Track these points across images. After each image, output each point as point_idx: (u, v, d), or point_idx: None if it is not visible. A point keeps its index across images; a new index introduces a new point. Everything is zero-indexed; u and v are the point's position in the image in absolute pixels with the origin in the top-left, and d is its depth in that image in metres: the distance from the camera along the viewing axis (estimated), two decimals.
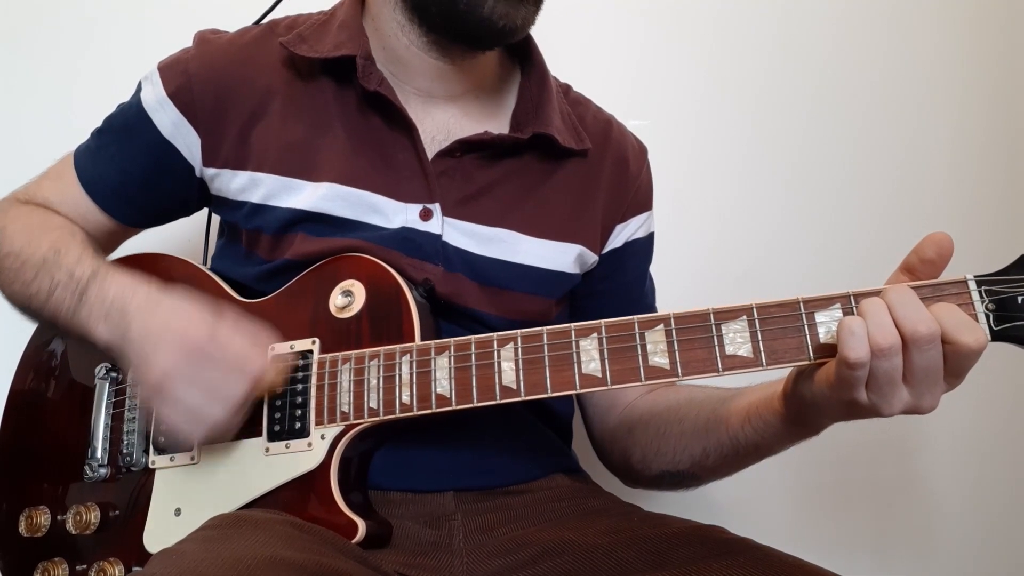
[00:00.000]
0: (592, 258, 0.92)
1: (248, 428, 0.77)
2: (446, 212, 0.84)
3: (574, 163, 0.91)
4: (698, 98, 1.38)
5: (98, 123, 0.91)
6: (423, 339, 0.76)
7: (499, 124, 0.89)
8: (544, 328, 0.72)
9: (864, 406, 0.63)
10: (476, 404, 0.72)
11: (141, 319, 0.75)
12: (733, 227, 1.36)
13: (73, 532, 0.81)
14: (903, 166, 1.39)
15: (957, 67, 1.42)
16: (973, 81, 1.42)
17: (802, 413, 0.71)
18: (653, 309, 0.99)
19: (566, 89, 0.98)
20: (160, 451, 0.80)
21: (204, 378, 0.72)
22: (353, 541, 0.72)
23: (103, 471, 0.82)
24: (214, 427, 0.73)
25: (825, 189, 1.38)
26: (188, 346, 0.72)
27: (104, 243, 0.91)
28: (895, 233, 1.36)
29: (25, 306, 0.84)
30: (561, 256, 0.88)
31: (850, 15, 1.41)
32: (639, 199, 0.97)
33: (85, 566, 0.80)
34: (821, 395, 0.66)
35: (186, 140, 0.86)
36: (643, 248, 0.99)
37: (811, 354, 0.65)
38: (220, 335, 0.74)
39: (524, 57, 0.93)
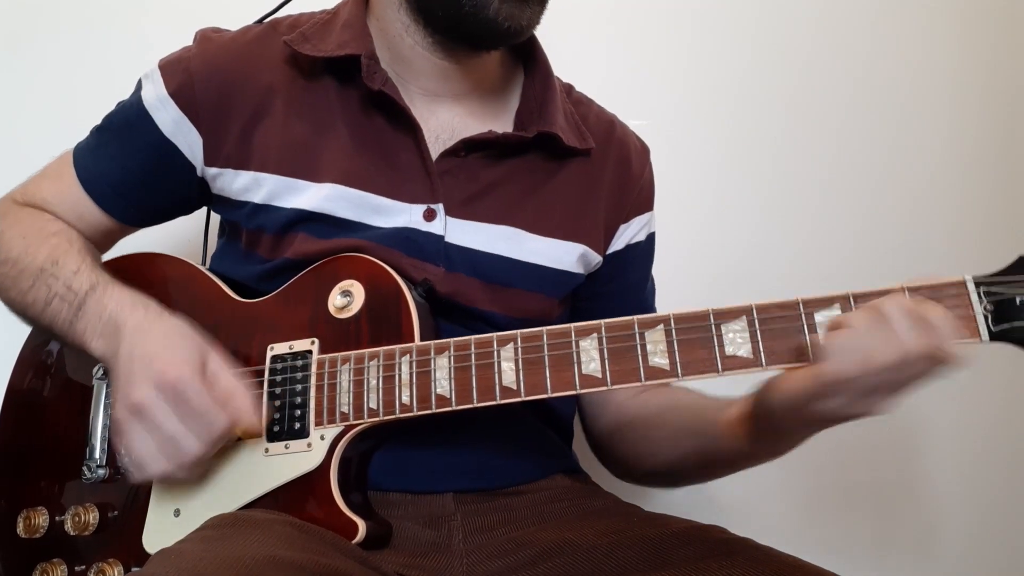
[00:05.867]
0: (596, 259, 0.92)
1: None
2: (450, 212, 0.84)
3: (578, 163, 0.91)
4: (698, 98, 1.38)
5: (98, 121, 0.90)
6: (423, 339, 0.76)
7: (503, 123, 0.89)
8: (544, 328, 0.72)
9: (836, 415, 0.65)
10: (476, 404, 0.72)
11: (130, 342, 0.74)
12: (733, 227, 1.36)
13: (72, 533, 0.81)
14: (906, 168, 1.40)
15: (952, 65, 1.43)
16: (970, 80, 1.42)
17: (769, 430, 0.72)
18: (653, 311, 0.99)
19: (568, 89, 0.98)
20: None
21: (180, 413, 0.71)
22: (353, 541, 0.72)
23: (101, 472, 0.82)
24: (183, 462, 0.72)
25: (825, 189, 1.38)
26: (166, 384, 0.71)
27: (101, 241, 0.91)
28: (898, 232, 1.37)
29: (21, 313, 0.84)
30: (565, 255, 0.88)
31: (848, 16, 1.41)
32: (641, 199, 0.97)
33: (84, 567, 0.80)
34: (792, 405, 0.67)
35: (187, 139, 0.85)
36: (644, 251, 0.99)
37: (811, 355, 0.65)
38: (208, 371, 0.73)
39: (528, 57, 0.93)
